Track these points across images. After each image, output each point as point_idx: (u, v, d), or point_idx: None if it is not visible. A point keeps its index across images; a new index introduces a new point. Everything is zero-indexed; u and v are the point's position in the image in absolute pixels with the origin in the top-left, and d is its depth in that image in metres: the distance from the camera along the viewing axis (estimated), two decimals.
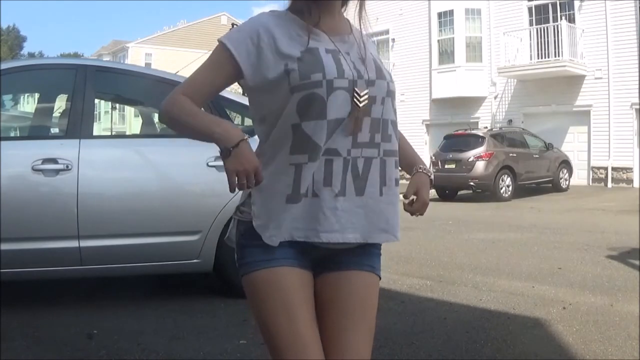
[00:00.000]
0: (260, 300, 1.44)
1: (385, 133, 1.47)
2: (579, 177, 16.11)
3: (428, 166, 1.73)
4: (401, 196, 1.55)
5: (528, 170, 13.80)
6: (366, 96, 1.42)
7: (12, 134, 6.71)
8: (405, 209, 1.58)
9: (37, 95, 5.10)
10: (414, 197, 1.58)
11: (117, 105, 13.96)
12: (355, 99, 1.40)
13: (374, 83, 1.44)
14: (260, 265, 1.43)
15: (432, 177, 1.63)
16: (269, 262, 1.43)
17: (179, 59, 25.02)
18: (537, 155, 14.17)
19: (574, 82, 15.90)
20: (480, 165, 13.00)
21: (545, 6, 16.66)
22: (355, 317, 1.48)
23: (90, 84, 3.87)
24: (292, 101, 1.40)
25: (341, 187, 1.42)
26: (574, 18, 15.97)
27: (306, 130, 1.39)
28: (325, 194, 1.41)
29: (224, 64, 1.44)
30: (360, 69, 1.44)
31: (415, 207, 1.57)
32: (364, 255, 1.52)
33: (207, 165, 3.80)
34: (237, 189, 1.39)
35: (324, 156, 1.40)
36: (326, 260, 1.49)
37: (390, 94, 1.48)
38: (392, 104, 1.49)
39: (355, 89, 1.41)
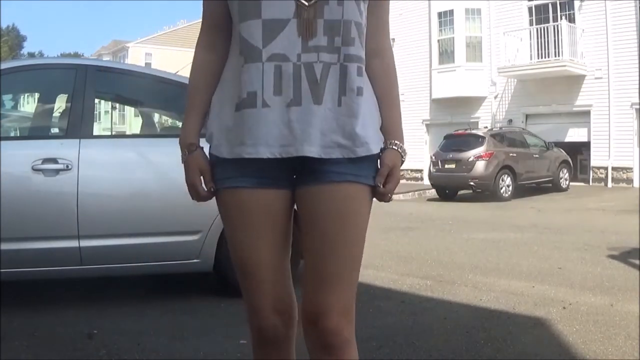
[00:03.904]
0: (222, 220, 1.47)
1: (347, 36, 1.33)
2: (579, 177, 16.13)
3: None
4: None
5: (528, 170, 13.80)
6: None
7: (12, 134, 6.70)
8: (378, 195, 1.42)
9: (37, 95, 5.10)
10: (382, 183, 1.40)
11: (117, 105, 13.95)
12: None
13: None
14: (219, 185, 1.41)
15: (404, 155, 1.45)
16: (223, 182, 1.40)
17: (179, 59, 24.99)
18: (537, 155, 14.18)
19: (574, 82, 15.90)
20: (480, 165, 13.00)
21: (545, 6, 16.66)
22: (335, 241, 1.36)
23: (90, 84, 3.87)
24: (234, 2, 1.36)
25: (294, 96, 1.31)
26: (574, 18, 15.97)
27: (241, 32, 1.33)
28: (276, 103, 1.31)
29: None
30: None
31: (389, 188, 1.41)
32: (349, 163, 1.36)
33: None
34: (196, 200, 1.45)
35: (271, 62, 1.31)
36: (303, 169, 1.37)
37: None
38: (356, 4, 1.34)
39: None
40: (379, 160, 1.42)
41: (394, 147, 1.43)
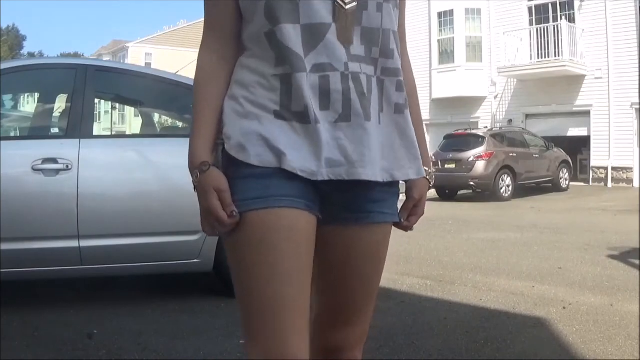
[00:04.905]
0: (250, 249, 1.16)
1: (386, 47, 1.20)
2: (579, 177, 16.12)
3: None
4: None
5: (528, 170, 13.79)
6: None
7: (12, 134, 6.71)
8: (400, 226, 1.34)
9: (37, 95, 5.10)
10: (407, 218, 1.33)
11: (117, 105, 13.95)
12: (338, 1, 1.15)
13: None
14: (256, 205, 1.14)
15: (433, 180, 1.36)
16: (265, 201, 1.14)
17: (179, 59, 25.00)
18: (537, 155, 14.17)
19: (574, 82, 15.90)
20: (480, 165, 13.00)
21: (545, 6, 16.67)
22: (366, 280, 1.30)
23: (90, 84, 3.87)
24: (259, 4, 1.17)
25: (344, 110, 1.15)
26: (574, 18, 15.98)
27: (279, 37, 1.15)
28: (323, 119, 1.15)
29: None
30: None
31: (413, 221, 1.34)
32: (389, 199, 1.27)
33: None
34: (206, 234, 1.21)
35: (315, 73, 1.14)
36: (337, 201, 1.23)
37: None
38: (392, 11, 1.22)
39: None
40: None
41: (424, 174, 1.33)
